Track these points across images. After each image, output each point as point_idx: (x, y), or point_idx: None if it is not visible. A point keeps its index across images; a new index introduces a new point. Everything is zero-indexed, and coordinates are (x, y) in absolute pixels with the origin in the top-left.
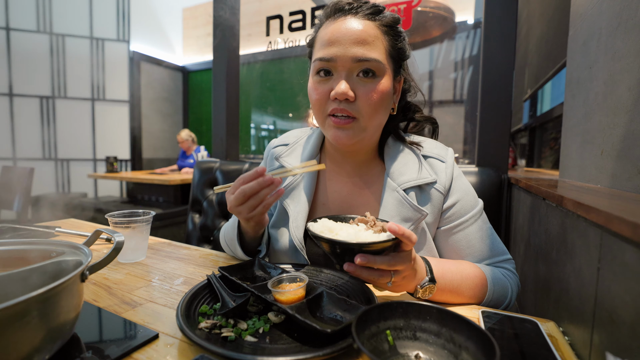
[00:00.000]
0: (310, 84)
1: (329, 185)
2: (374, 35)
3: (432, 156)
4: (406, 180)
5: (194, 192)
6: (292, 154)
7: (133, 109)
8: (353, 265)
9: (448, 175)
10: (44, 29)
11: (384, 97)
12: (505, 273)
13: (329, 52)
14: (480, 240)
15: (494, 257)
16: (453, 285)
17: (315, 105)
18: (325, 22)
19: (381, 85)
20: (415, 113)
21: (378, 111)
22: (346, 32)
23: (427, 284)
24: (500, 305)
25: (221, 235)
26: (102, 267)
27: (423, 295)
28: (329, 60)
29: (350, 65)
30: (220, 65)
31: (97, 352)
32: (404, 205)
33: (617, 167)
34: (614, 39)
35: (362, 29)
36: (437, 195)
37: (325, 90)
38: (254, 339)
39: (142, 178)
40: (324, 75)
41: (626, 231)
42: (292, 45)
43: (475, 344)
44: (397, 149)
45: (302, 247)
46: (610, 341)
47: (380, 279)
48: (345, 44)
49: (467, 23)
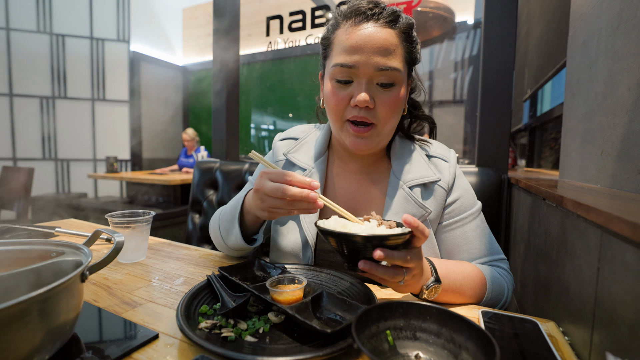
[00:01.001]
0: (328, 89)
1: (337, 181)
2: (395, 44)
3: (436, 156)
4: (412, 178)
5: (194, 192)
6: (300, 150)
7: (133, 109)
8: (369, 263)
9: (451, 173)
10: (44, 29)
11: (400, 103)
12: (501, 272)
13: (352, 60)
14: (478, 238)
15: (490, 255)
16: (456, 285)
17: (333, 111)
18: (343, 24)
19: (399, 93)
20: (416, 109)
21: (394, 117)
22: (369, 39)
23: (432, 284)
24: (497, 304)
25: (215, 217)
26: (102, 267)
27: (429, 296)
28: (351, 67)
29: (372, 73)
30: (220, 65)
31: (97, 352)
32: (409, 202)
33: (617, 167)
34: (614, 39)
35: (385, 38)
36: (441, 192)
37: (345, 97)
38: (254, 339)
39: (142, 178)
40: (344, 82)
41: (626, 231)
42: (292, 46)
43: (475, 344)
44: (403, 147)
45: (314, 242)
46: (610, 341)
47: (394, 277)
48: (368, 52)
49: (467, 23)
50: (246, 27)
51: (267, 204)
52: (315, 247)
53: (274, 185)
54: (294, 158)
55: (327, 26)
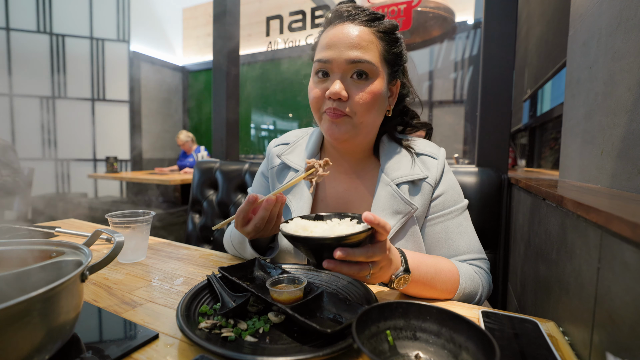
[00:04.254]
0: (310, 84)
1: (327, 182)
2: (368, 40)
3: (424, 153)
4: (399, 176)
5: (194, 192)
6: (293, 152)
7: (133, 109)
8: (332, 262)
9: (439, 170)
10: (44, 29)
11: (377, 98)
12: (478, 271)
13: (326, 55)
14: (458, 235)
15: (469, 254)
16: (427, 277)
17: (312, 103)
18: (326, 28)
19: (374, 87)
20: (412, 119)
21: (370, 111)
22: (342, 36)
23: (401, 273)
24: (470, 301)
25: (227, 236)
26: (102, 267)
27: (397, 286)
28: (326, 62)
29: (344, 67)
30: (220, 65)
31: (97, 352)
32: (395, 199)
33: (617, 167)
34: (613, 39)
35: (357, 34)
36: (428, 188)
37: (322, 90)
38: (254, 339)
39: (142, 178)
40: (322, 76)
41: (626, 231)
42: (292, 46)
43: (475, 344)
44: (391, 147)
45: None
46: (610, 341)
47: (360, 273)
48: (341, 47)
49: (467, 23)
50: (246, 27)
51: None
52: None
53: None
54: (287, 160)
55: (317, 34)
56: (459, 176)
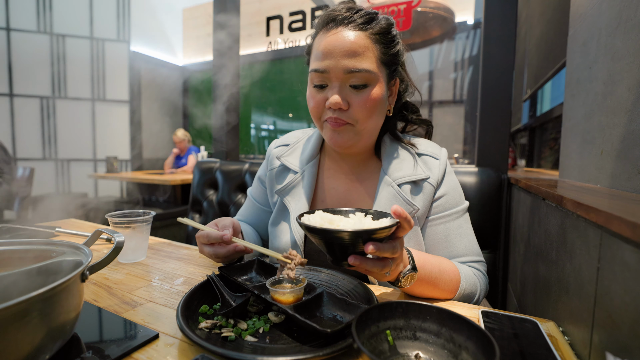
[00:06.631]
0: (308, 93)
1: (327, 182)
2: (364, 46)
3: (426, 154)
4: (401, 176)
5: (194, 192)
6: (292, 153)
7: (133, 109)
8: (359, 257)
9: (441, 170)
10: (44, 29)
11: (377, 103)
12: (477, 273)
13: (322, 65)
14: (458, 237)
15: (468, 256)
16: (431, 277)
17: (312, 112)
18: (320, 32)
19: (373, 94)
20: (413, 113)
21: (372, 117)
22: (337, 44)
23: (409, 271)
24: (468, 302)
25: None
26: (102, 267)
27: (404, 284)
28: (323, 72)
29: (342, 76)
30: (220, 66)
31: (97, 352)
32: (397, 200)
33: (617, 167)
34: (613, 39)
35: (353, 41)
36: (430, 188)
37: (321, 100)
38: (254, 339)
39: (142, 178)
40: (320, 87)
41: (626, 231)
42: (292, 46)
43: (475, 344)
44: (393, 147)
45: (303, 242)
46: (610, 341)
47: (383, 269)
48: (336, 56)
49: (467, 23)
50: (246, 27)
51: (213, 258)
52: (304, 247)
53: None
54: (286, 161)
55: (310, 35)
56: (459, 176)
